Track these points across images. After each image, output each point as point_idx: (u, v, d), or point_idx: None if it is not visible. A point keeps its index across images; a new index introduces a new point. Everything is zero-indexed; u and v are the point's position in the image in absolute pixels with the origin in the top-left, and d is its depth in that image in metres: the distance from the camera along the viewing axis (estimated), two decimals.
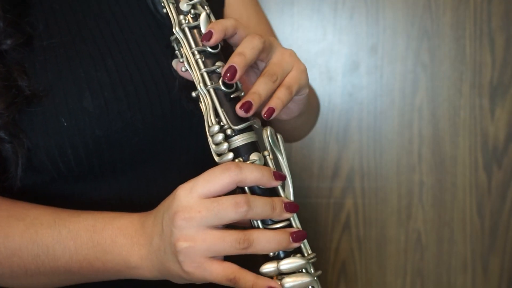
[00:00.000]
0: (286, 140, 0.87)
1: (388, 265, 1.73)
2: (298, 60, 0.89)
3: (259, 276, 0.79)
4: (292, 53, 0.89)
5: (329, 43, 1.70)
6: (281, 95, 0.85)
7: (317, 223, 1.73)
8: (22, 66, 0.93)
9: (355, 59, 1.70)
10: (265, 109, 0.83)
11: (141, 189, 1.00)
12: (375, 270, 1.74)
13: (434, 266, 1.73)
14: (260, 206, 0.79)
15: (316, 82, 1.70)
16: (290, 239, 0.80)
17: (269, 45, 0.87)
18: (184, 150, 1.02)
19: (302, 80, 0.88)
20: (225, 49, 0.90)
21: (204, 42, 0.84)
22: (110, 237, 0.86)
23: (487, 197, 1.71)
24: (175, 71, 0.91)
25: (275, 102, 0.84)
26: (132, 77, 0.96)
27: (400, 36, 1.69)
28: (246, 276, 0.79)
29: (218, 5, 1.14)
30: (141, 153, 0.98)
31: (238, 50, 0.83)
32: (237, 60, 0.82)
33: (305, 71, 0.89)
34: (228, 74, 0.81)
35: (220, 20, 0.85)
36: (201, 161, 0.86)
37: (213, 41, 0.84)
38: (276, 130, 0.86)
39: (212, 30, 0.83)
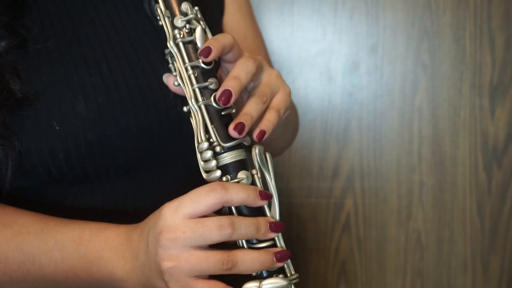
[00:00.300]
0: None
1: (388, 265, 1.74)
2: (284, 82, 0.91)
3: None
4: (279, 75, 0.90)
5: (329, 43, 1.70)
6: (271, 118, 0.86)
7: (317, 223, 1.74)
8: (15, 68, 0.93)
9: (355, 59, 1.70)
10: (257, 131, 0.85)
11: (136, 195, 1.00)
12: (375, 270, 1.74)
13: (434, 266, 1.73)
14: (245, 228, 0.79)
15: (316, 82, 1.70)
16: (274, 259, 0.81)
17: (260, 67, 0.88)
18: (179, 156, 1.02)
19: (287, 102, 0.89)
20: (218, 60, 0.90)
21: (202, 58, 0.84)
22: (96, 249, 0.87)
23: (487, 197, 1.71)
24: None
25: (266, 125, 0.85)
26: (127, 82, 0.96)
27: (400, 36, 1.69)
28: None
29: (218, 13, 1.14)
30: (136, 159, 0.98)
31: (233, 73, 0.84)
32: (232, 84, 0.83)
33: (290, 93, 0.91)
34: (223, 98, 0.82)
35: (219, 38, 0.86)
36: (196, 167, 0.87)
37: (210, 58, 0.84)
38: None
39: (211, 47, 0.84)
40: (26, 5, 0.97)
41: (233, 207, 0.82)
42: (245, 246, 0.82)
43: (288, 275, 0.83)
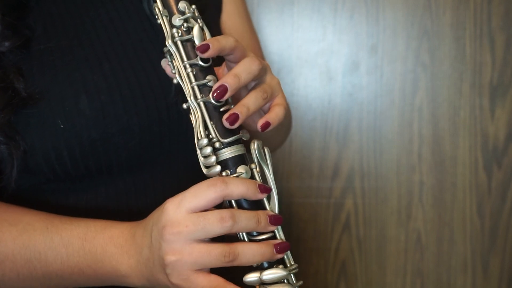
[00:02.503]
0: None
1: (388, 265, 1.73)
2: (282, 91, 0.93)
3: None
4: (279, 83, 0.92)
5: (329, 43, 1.70)
6: (279, 112, 0.88)
7: (317, 223, 1.74)
8: (19, 68, 0.94)
9: (355, 59, 1.70)
10: (263, 121, 0.86)
11: (138, 193, 1.01)
12: (375, 270, 1.74)
13: (434, 266, 1.73)
14: (245, 220, 0.81)
15: (316, 82, 1.70)
16: (274, 251, 0.82)
17: (264, 70, 0.89)
18: (181, 155, 1.03)
19: (287, 106, 0.92)
20: (217, 58, 0.91)
21: (198, 53, 0.85)
22: (101, 245, 0.89)
23: (487, 197, 1.71)
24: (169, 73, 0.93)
25: (273, 118, 0.87)
26: (129, 81, 0.97)
27: (400, 36, 1.69)
28: None
29: (216, 12, 1.15)
30: (138, 157, 0.99)
31: (235, 70, 0.85)
32: (230, 81, 0.84)
33: (286, 102, 0.92)
34: (218, 91, 0.83)
35: (220, 39, 0.86)
36: (197, 165, 0.87)
37: (206, 55, 0.85)
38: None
39: (210, 45, 0.85)
40: (29, 6, 0.98)
41: (233, 201, 0.83)
42: (246, 238, 0.83)
43: (288, 265, 0.85)
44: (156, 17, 0.89)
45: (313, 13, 1.70)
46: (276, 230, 0.85)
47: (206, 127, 0.85)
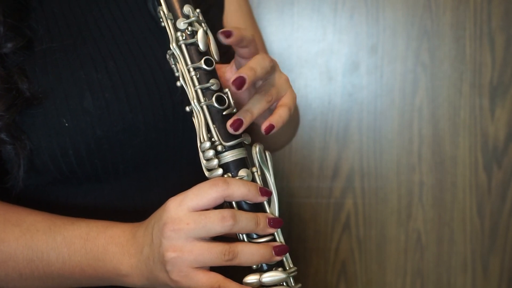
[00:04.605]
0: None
1: (388, 265, 1.74)
2: (291, 87, 0.92)
3: (243, 286, 0.83)
4: (288, 80, 0.92)
5: (329, 43, 1.70)
6: (283, 114, 0.88)
7: (317, 223, 1.74)
8: (23, 69, 0.95)
9: (355, 59, 1.70)
10: (266, 124, 0.86)
11: (144, 191, 1.02)
12: (375, 270, 1.74)
13: (434, 266, 1.73)
14: (245, 221, 0.82)
15: (316, 82, 1.70)
16: (273, 252, 0.84)
17: (273, 68, 0.89)
18: (186, 152, 1.04)
19: (294, 105, 0.91)
20: (224, 53, 0.93)
21: (222, 37, 0.83)
22: (102, 245, 0.90)
23: (487, 197, 1.71)
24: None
25: (277, 120, 0.87)
26: (134, 79, 0.98)
27: (400, 36, 1.69)
28: (230, 285, 0.82)
29: (218, 11, 1.15)
30: (143, 155, 1.00)
31: (250, 64, 0.85)
32: (248, 73, 0.83)
33: (295, 99, 0.92)
34: (237, 82, 0.82)
35: (241, 29, 0.86)
36: (201, 163, 0.89)
37: (229, 40, 0.83)
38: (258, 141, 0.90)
39: (233, 32, 0.83)
40: (31, 6, 0.99)
41: (234, 203, 0.84)
42: (246, 240, 0.85)
43: (287, 268, 0.87)
44: (161, 20, 0.90)
45: (313, 13, 1.70)
46: (276, 234, 0.86)
47: (208, 130, 0.86)
